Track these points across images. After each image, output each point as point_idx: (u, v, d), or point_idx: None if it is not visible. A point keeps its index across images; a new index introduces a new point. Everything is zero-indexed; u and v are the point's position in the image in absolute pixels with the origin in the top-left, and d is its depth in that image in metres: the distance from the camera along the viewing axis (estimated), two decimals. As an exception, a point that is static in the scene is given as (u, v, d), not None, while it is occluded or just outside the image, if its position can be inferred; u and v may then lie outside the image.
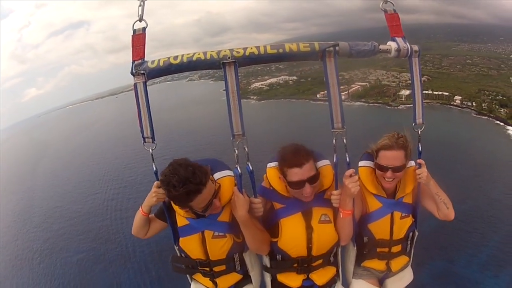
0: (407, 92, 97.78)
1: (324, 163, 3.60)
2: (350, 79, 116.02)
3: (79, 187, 70.74)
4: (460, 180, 48.44)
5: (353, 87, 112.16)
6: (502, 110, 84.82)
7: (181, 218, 3.53)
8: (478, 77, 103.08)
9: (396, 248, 4.00)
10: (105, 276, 40.21)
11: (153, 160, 3.45)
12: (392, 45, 3.42)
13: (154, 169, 3.43)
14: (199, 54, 3.20)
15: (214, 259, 3.60)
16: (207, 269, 3.68)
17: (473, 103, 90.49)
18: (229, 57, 3.15)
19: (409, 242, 4.05)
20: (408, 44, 3.43)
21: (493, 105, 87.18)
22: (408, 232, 3.96)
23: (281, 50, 3.21)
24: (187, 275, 3.97)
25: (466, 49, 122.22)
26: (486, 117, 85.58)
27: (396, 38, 3.46)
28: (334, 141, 3.26)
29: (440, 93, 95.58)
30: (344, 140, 3.27)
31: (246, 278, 3.87)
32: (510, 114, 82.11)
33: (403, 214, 3.85)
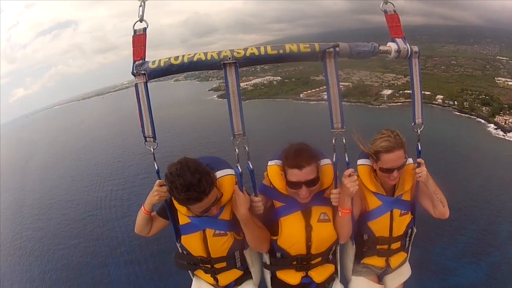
0: (389, 91, 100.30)
1: (325, 162, 3.60)
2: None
3: (70, 182, 71.45)
4: (439, 174, 49.13)
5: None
6: (484, 109, 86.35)
7: (183, 216, 3.58)
8: (462, 78, 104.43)
9: (395, 245, 4.07)
10: (101, 270, 40.55)
11: (154, 159, 3.50)
12: (392, 46, 3.47)
13: (156, 168, 3.48)
14: (199, 54, 3.24)
15: (215, 256, 3.66)
16: (208, 266, 3.75)
17: (455, 102, 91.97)
18: (229, 58, 3.17)
19: (407, 238, 4.13)
20: (408, 45, 3.47)
21: (475, 104, 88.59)
22: (407, 229, 4.02)
23: (281, 51, 3.25)
24: (189, 271, 4.05)
25: (451, 50, 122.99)
26: (467, 115, 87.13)
27: (396, 39, 3.50)
28: (333, 140, 3.33)
29: (422, 92, 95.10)
30: (344, 140, 3.34)
31: (247, 274, 3.94)
32: (492, 112, 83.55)
33: (403, 212, 3.92)
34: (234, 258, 3.72)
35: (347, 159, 3.38)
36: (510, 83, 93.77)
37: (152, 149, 3.47)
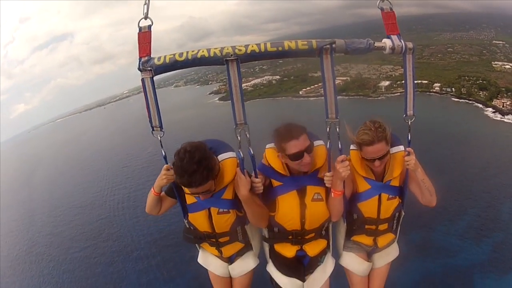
0: (387, 83, 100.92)
1: (318, 143, 3.85)
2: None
3: (78, 190, 73.17)
4: (438, 158, 50.12)
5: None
6: (481, 93, 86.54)
7: (189, 196, 3.85)
8: (459, 64, 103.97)
9: (382, 226, 4.25)
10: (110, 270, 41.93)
11: (161, 146, 3.68)
12: (387, 42, 3.56)
13: (163, 154, 3.72)
14: (203, 51, 3.35)
15: (219, 231, 3.96)
16: (213, 240, 4.07)
17: (452, 88, 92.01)
18: (231, 55, 3.29)
19: (395, 221, 4.31)
20: (402, 41, 3.56)
21: (473, 89, 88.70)
22: (395, 212, 4.18)
23: (280, 48, 3.37)
24: (196, 244, 4.37)
25: (447, 38, 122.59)
26: (465, 101, 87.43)
27: (392, 36, 3.58)
28: (328, 129, 3.55)
29: (419, 81, 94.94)
30: (337, 129, 3.53)
31: (248, 246, 4.24)
32: (489, 96, 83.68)
33: (390, 196, 4.07)
34: (236, 232, 4.04)
35: (340, 146, 3.61)
36: (507, 66, 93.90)
37: (159, 137, 3.68)
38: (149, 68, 3.42)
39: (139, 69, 3.45)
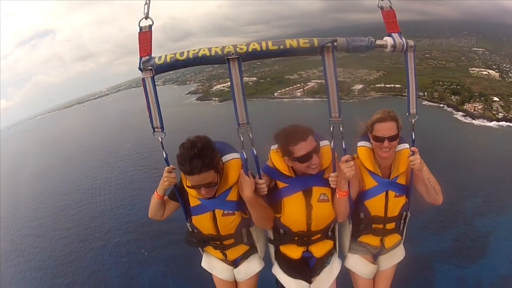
0: (360, 86, 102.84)
1: (324, 143, 3.75)
2: (307, 77, 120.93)
3: (63, 185, 75.07)
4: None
5: (309, 84, 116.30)
6: (453, 98, 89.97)
7: (193, 198, 3.73)
8: (435, 70, 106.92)
9: (390, 226, 4.19)
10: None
11: (162, 148, 3.57)
12: (388, 40, 3.52)
13: (164, 155, 3.59)
14: (204, 50, 3.26)
15: (224, 234, 3.84)
16: (218, 242, 3.92)
17: (425, 93, 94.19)
18: (233, 53, 3.22)
19: (402, 221, 4.25)
20: (404, 39, 3.53)
21: (445, 94, 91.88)
22: (402, 211, 4.14)
23: (282, 46, 3.29)
24: (199, 248, 4.23)
25: (426, 44, 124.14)
26: (436, 105, 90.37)
27: (393, 34, 3.55)
28: (331, 128, 3.47)
29: (392, 85, 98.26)
30: (341, 128, 3.45)
31: (253, 249, 4.11)
32: (461, 101, 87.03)
33: (397, 194, 4.04)
34: (241, 234, 3.92)
35: (344, 145, 3.52)
36: (484, 72, 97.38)
37: (160, 139, 3.56)
38: (149, 68, 3.36)
39: (139, 68, 3.37)
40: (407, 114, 3.84)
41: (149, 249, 42.48)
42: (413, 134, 3.84)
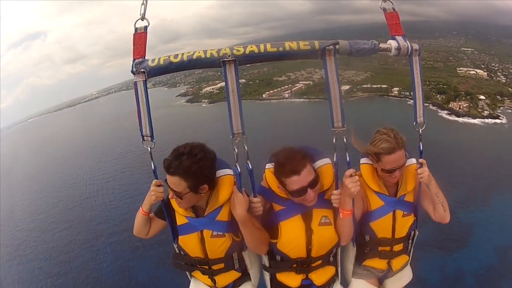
0: (347, 87, 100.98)
1: (324, 162, 3.42)
2: (296, 79, 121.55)
3: (57, 182, 76.45)
4: None
5: (297, 86, 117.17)
6: (439, 97, 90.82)
7: (181, 216, 3.42)
8: (422, 70, 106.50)
9: (397, 247, 3.88)
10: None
11: (151, 158, 3.30)
12: (392, 43, 3.34)
13: (153, 167, 3.32)
14: (199, 52, 3.10)
15: (212, 257, 3.49)
16: (206, 267, 3.57)
17: (411, 92, 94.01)
18: (229, 56, 3.04)
19: (410, 241, 3.94)
20: (408, 42, 3.34)
21: (431, 93, 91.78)
22: (410, 231, 3.83)
23: (281, 49, 3.10)
24: (187, 272, 3.86)
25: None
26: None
27: (396, 37, 3.36)
28: (334, 140, 3.14)
29: (378, 86, 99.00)
30: (345, 140, 3.15)
31: (245, 276, 3.75)
32: (446, 99, 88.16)
33: (405, 213, 3.73)
34: (232, 259, 3.58)
35: (348, 158, 3.23)
36: (471, 72, 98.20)
37: (149, 148, 3.30)
38: (142, 70, 3.18)
39: (132, 72, 3.19)
40: (414, 123, 3.62)
41: (146, 246, 42.05)
42: (420, 145, 3.59)
